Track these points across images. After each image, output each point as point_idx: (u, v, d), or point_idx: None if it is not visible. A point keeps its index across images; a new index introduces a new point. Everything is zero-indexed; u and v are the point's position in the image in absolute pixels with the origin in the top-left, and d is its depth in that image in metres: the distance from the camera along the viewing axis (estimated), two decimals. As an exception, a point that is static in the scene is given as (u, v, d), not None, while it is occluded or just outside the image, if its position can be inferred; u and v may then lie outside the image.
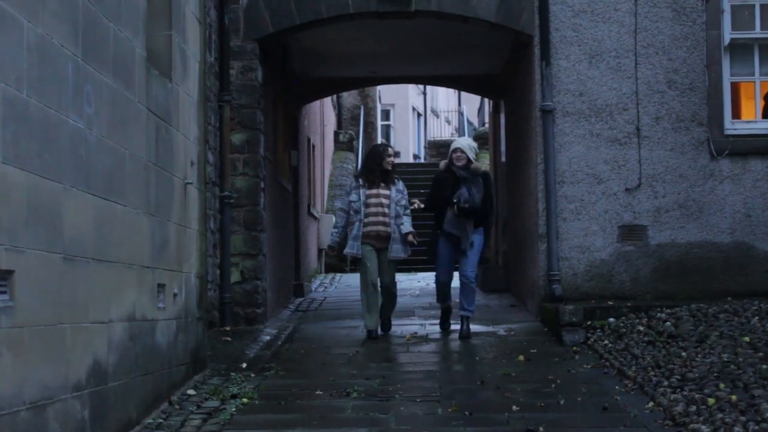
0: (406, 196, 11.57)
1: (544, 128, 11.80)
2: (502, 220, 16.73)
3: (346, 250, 11.56)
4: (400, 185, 11.62)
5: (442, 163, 11.65)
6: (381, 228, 11.38)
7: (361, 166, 13.10)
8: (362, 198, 11.42)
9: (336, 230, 11.68)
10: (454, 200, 11.14)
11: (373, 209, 11.40)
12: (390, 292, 11.61)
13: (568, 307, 10.90)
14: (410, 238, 11.39)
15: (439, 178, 11.56)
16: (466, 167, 11.30)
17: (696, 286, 11.61)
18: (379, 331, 11.55)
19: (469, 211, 11.18)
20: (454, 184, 11.26)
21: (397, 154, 11.76)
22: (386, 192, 11.46)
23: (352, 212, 11.47)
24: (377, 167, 11.51)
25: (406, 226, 11.40)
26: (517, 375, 9.08)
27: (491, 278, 15.93)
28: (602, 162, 11.81)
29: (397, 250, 11.38)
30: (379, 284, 11.52)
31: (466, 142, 11.68)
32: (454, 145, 11.62)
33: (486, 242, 11.80)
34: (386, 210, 11.40)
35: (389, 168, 11.56)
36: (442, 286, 11.64)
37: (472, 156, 11.34)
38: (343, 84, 19.84)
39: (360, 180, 11.63)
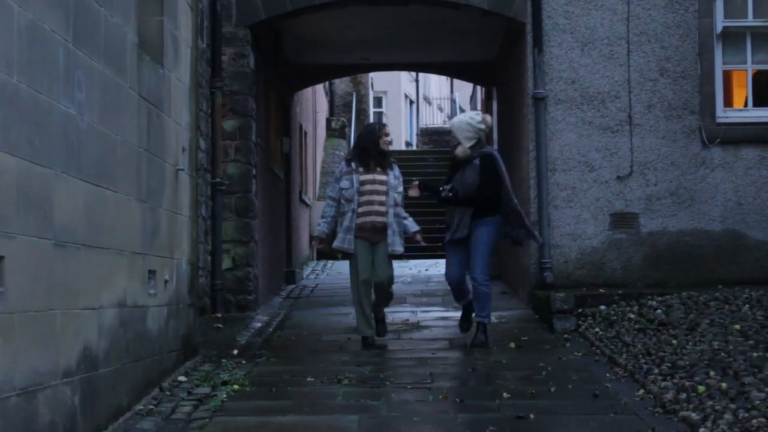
0: (402, 183, 10.22)
1: (536, 116, 11.79)
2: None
3: (336, 244, 10.09)
4: (397, 171, 10.24)
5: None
6: (377, 219, 10.01)
7: (353, 148, 11.25)
8: (356, 184, 10.02)
9: (324, 220, 10.17)
10: (440, 188, 10.06)
11: (367, 197, 10.04)
12: (384, 290, 10.23)
13: (560, 295, 10.91)
14: (417, 237, 10.20)
15: (449, 163, 10.48)
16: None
17: (687, 274, 11.62)
18: (376, 339, 10.21)
19: (452, 201, 9.99)
20: (455, 169, 10.20)
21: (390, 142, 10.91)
22: (383, 177, 10.08)
23: (343, 201, 10.06)
24: (373, 148, 10.12)
25: (412, 223, 10.12)
26: (508, 362, 9.10)
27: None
28: (594, 150, 11.81)
29: (394, 243, 10.01)
30: (372, 282, 10.14)
31: (456, 121, 10.30)
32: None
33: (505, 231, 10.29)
34: (383, 198, 10.03)
35: (386, 149, 10.20)
36: (455, 284, 10.25)
37: (463, 135, 10.04)
38: (335, 71, 19.83)
39: (353, 164, 10.16)
